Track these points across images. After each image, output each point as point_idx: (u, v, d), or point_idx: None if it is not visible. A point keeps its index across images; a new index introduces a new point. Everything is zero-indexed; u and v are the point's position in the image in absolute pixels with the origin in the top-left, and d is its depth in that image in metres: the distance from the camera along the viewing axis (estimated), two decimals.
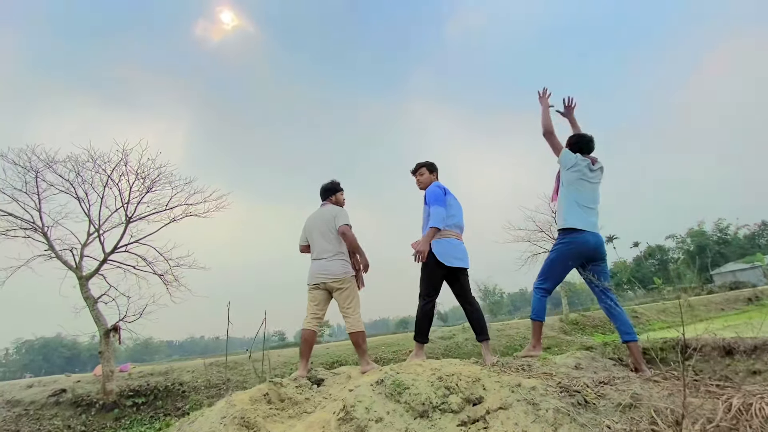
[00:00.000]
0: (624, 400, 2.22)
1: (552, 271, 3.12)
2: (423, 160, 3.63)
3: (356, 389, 2.46)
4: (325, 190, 3.80)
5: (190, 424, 2.51)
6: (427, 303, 3.25)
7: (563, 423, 2.05)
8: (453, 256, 3.24)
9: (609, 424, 2.01)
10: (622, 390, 2.35)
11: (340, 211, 3.64)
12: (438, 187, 3.40)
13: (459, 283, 3.33)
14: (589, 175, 3.06)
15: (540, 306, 3.18)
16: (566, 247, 3.03)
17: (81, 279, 10.74)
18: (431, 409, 2.31)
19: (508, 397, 2.28)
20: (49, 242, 10.62)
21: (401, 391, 2.39)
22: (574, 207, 3.00)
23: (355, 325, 3.39)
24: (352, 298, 3.47)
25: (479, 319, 3.24)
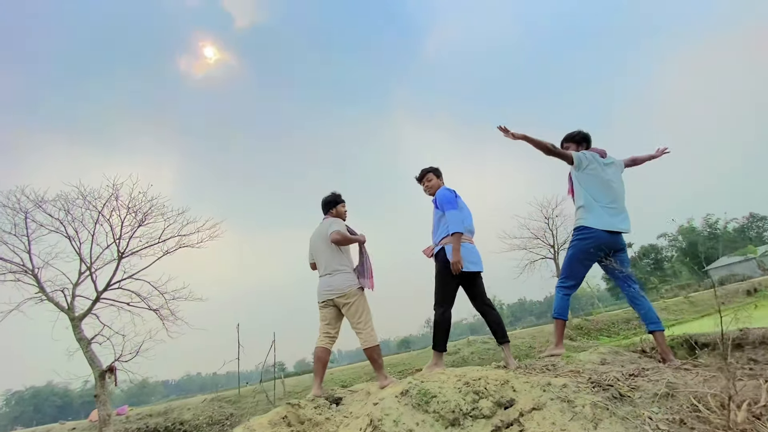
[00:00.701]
0: (659, 389, 2.15)
1: (571, 269, 3.08)
2: (427, 167, 3.61)
3: (381, 402, 2.35)
4: (325, 203, 3.71)
5: None
6: (444, 311, 3.17)
7: (603, 418, 1.97)
8: (468, 260, 3.19)
9: (650, 415, 1.94)
10: (655, 380, 2.28)
11: (333, 222, 3.53)
12: (448, 190, 3.37)
13: (475, 287, 3.26)
14: (604, 173, 3.01)
15: (563, 305, 3.12)
16: (581, 243, 3.01)
17: (74, 320, 10.38)
18: (462, 416, 2.20)
19: (541, 397, 2.19)
20: (40, 284, 10.31)
21: (428, 399, 2.29)
22: (591, 206, 2.96)
23: (368, 340, 3.26)
24: (361, 312, 3.32)
25: (499, 322, 3.16)
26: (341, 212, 3.68)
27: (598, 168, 3.03)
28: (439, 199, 3.32)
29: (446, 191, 3.35)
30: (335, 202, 3.69)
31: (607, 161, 3.12)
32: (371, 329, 3.29)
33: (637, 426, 1.86)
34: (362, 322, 3.30)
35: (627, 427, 1.88)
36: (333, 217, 3.62)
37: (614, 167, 3.12)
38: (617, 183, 3.07)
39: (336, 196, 3.71)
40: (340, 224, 3.50)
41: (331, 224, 3.49)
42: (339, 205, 3.69)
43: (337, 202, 3.70)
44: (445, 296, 3.18)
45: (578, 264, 3.05)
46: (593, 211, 2.96)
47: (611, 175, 3.05)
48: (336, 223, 3.49)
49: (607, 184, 3.00)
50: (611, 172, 3.07)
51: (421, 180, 3.61)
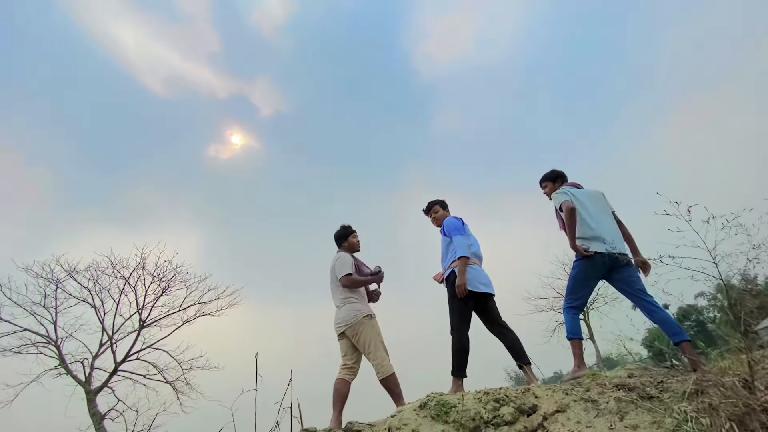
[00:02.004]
0: (688, 388, 2.07)
1: (576, 288, 3.08)
2: (433, 199, 3.83)
3: (399, 414, 2.29)
4: (336, 238, 3.77)
5: None
6: (461, 335, 3.13)
7: (629, 411, 1.90)
8: (479, 281, 3.23)
9: (679, 408, 1.86)
10: (683, 380, 2.19)
11: (338, 259, 3.55)
12: (455, 218, 3.52)
13: (488, 309, 3.25)
14: (580, 203, 3.13)
15: (575, 324, 3.06)
16: (581, 266, 3.06)
17: (89, 393, 10.22)
18: (483, 424, 2.13)
19: (563, 399, 2.13)
20: (61, 356, 10.39)
21: (448, 410, 2.22)
22: (582, 235, 3.08)
23: (381, 370, 3.15)
24: (370, 342, 3.23)
25: (516, 343, 3.08)
26: (353, 243, 3.72)
27: (577, 199, 3.15)
28: (447, 226, 3.47)
29: (454, 219, 3.52)
30: (345, 236, 3.73)
31: (582, 191, 3.27)
32: (383, 358, 3.19)
33: (664, 412, 1.80)
34: (371, 352, 3.22)
35: (654, 416, 1.82)
36: (343, 252, 3.65)
37: (591, 195, 3.24)
38: (597, 208, 3.16)
39: (345, 229, 3.76)
40: (344, 262, 3.50)
41: (337, 264, 3.52)
42: (350, 237, 3.72)
43: (347, 234, 3.74)
44: (460, 320, 3.17)
45: (581, 282, 3.06)
46: (582, 240, 3.04)
47: (588, 202, 3.17)
48: (342, 264, 3.49)
49: (587, 210, 3.12)
50: (588, 200, 3.18)
51: (428, 212, 3.80)
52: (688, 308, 50.31)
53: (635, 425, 1.78)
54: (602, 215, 3.18)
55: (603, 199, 3.32)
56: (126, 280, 11.04)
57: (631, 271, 3.02)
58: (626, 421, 1.83)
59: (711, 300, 52.27)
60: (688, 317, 51.18)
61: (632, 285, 2.96)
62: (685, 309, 50.35)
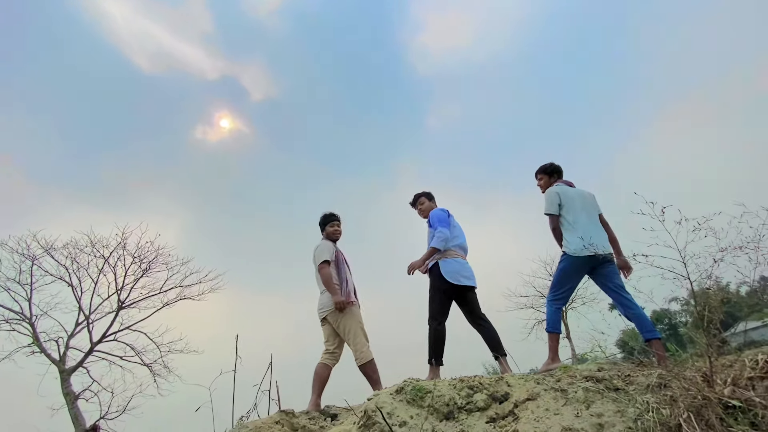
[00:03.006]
0: (652, 381, 2.16)
1: (562, 281, 3.17)
2: (419, 191, 3.86)
3: (376, 397, 2.34)
4: (319, 224, 3.81)
5: None
6: (439, 324, 3.20)
7: (595, 400, 1.99)
8: (461, 274, 3.30)
9: (642, 399, 1.95)
10: (648, 374, 2.29)
11: (318, 247, 3.60)
12: (442, 210, 3.57)
13: (468, 302, 3.32)
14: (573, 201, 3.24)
15: (556, 318, 3.15)
16: (566, 262, 3.15)
17: (63, 372, 10.03)
18: (456, 409, 2.19)
19: (535, 388, 2.20)
20: (35, 333, 10.16)
21: (423, 395, 2.28)
22: (569, 234, 3.18)
23: (360, 356, 3.22)
24: (349, 328, 3.30)
25: (494, 335, 3.17)
26: (330, 232, 3.72)
27: (568, 200, 3.25)
28: (432, 218, 3.52)
29: (440, 211, 3.56)
30: (324, 224, 3.76)
31: (574, 191, 3.36)
32: (362, 344, 3.25)
33: (628, 402, 1.88)
34: (350, 338, 3.28)
35: (618, 406, 1.90)
36: (324, 240, 3.70)
37: (583, 195, 3.33)
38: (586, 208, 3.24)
39: (326, 217, 3.78)
40: (323, 249, 3.54)
41: (316, 251, 3.57)
42: (328, 225, 3.74)
43: (326, 222, 3.75)
44: (438, 310, 3.24)
45: (566, 277, 3.15)
46: (570, 238, 3.13)
47: (578, 202, 3.25)
48: (322, 252, 3.53)
49: (576, 210, 3.21)
50: (579, 200, 3.27)
51: (415, 204, 3.83)
52: (662, 312, 52.10)
53: (600, 413, 1.86)
54: (587, 217, 3.27)
55: (593, 201, 3.41)
56: (105, 259, 10.82)
57: (612, 268, 3.12)
58: (592, 410, 1.91)
59: (684, 305, 54.27)
60: (661, 321, 53.06)
61: (611, 280, 3.07)
62: (659, 312, 52.09)
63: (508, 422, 2.07)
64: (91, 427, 9.84)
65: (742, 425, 1.60)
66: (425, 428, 2.08)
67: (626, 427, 1.73)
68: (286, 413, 2.64)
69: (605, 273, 3.10)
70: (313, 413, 2.84)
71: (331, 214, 3.78)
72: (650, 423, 1.70)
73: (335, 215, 3.78)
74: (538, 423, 1.93)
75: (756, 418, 1.62)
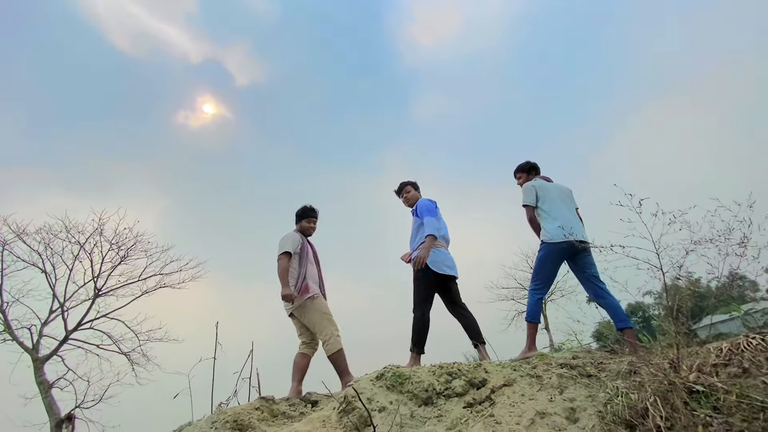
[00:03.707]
0: (623, 368, 2.24)
1: (542, 271, 3.24)
2: (405, 180, 3.87)
3: (356, 383, 2.36)
4: (296, 214, 3.72)
5: None
6: (423, 313, 3.23)
7: (568, 386, 2.05)
8: (444, 264, 3.33)
9: (613, 384, 2.02)
10: (620, 362, 2.37)
11: (284, 238, 3.51)
12: (429, 200, 3.58)
13: (450, 291, 3.36)
14: (550, 193, 3.34)
15: (537, 308, 3.22)
16: (545, 250, 3.23)
17: (36, 361, 9.76)
18: (435, 395, 2.23)
19: (511, 375, 2.25)
20: (6, 321, 9.83)
21: (403, 381, 2.31)
22: (548, 223, 3.25)
23: (327, 347, 3.20)
24: (315, 321, 3.28)
25: (474, 324, 3.22)
26: (305, 227, 3.64)
27: (545, 192, 3.34)
28: (419, 207, 3.52)
29: (427, 201, 3.57)
30: (300, 217, 3.68)
31: (552, 184, 3.46)
32: (330, 335, 3.22)
33: (600, 388, 1.94)
34: (317, 328, 3.27)
35: (590, 391, 1.96)
36: (293, 232, 3.60)
37: (560, 189, 3.44)
38: (563, 201, 3.35)
39: (303, 210, 3.69)
40: (287, 240, 3.46)
41: (281, 242, 3.48)
42: (304, 220, 3.65)
43: (303, 216, 3.67)
44: (422, 299, 3.26)
45: (545, 266, 3.22)
46: (548, 227, 3.22)
47: (555, 195, 3.35)
48: (284, 243, 3.45)
49: (553, 202, 3.30)
50: (556, 193, 3.37)
51: (400, 193, 3.83)
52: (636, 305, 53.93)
53: (572, 398, 1.92)
54: (566, 208, 3.35)
55: (570, 195, 3.49)
56: (81, 245, 10.49)
57: (589, 258, 3.21)
58: (565, 395, 1.97)
59: (657, 298, 56.32)
60: (636, 313, 54.97)
61: (587, 270, 3.15)
62: (633, 305, 53.92)
63: (485, 407, 2.12)
64: (67, 415, 9.64)
65: (705, 408, 1.67)
66: (404, 413, 2.11)
67: (596, 411, 1.80)
68: (266, 400, 2.63)
69: (582, 263, 3.18)
70: (294, 400, 2.84)
71: (311, 209, 3.68)
72: (619, 407, 1.77)
73: (314, 211, 3.68)
74: (513, 408, 1.98)
75: (718, 402, 1.70)
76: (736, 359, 1.86)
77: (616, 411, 1.77)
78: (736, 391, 1.69)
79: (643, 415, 1.70)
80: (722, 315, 15.44)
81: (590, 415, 1.81)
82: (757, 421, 1.60)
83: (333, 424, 2.11)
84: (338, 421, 2.12)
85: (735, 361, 1.85)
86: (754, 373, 1.83)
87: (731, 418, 1.63)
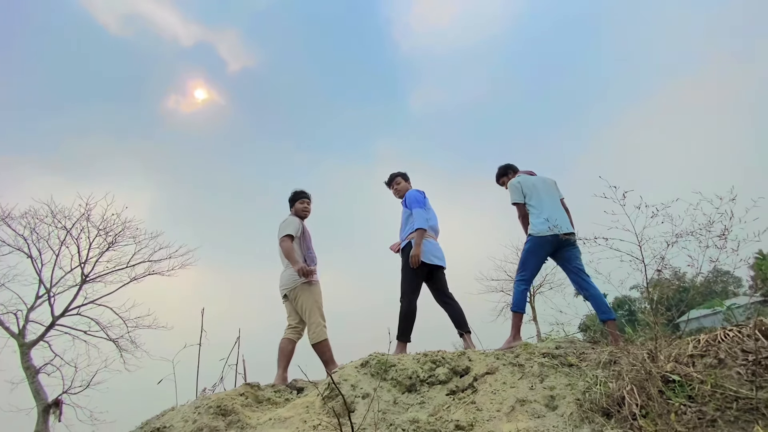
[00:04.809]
0: (603, 357, 2.28)
1: (528, 263, 3.28)
2: (395, 171, 3.85)
3: (341, 370, 2.37)
4: (289, 200, 3.76)
5: (158, 418, 2.25)
6: (410, 302, 3.25)
7: (549, 374, 2.08)
8: (433, 254, 3.34)
9: (593, 373, 2.05)
10: (601, 352, 2.41)
11: (284, 221, 3.55)
12: (418, 191, 3.59)
13: (437, 281, 3.38)
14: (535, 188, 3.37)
15: (521, 298, 3.26)
16: (530, 243, 3.27)
17: (23, 346, 9.66)
18: (419, 382, 2.25)
19: (494, 363, 2.28)
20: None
21: (387, 368, 2.33)
22: (534, 217, 3.28)
23: (313, 336, 3.23)
24: (307, 306, 3.29)
25: (459, 313, 3.25)
26: (298, 209, 3.66)
27: (530, 187, 3.37)
28: (408, 198, 3.52)
29: (416, 192, 3.57)
30: (293, 200, 3.71)
31: (535, 178, 3.48)
32: (317, 324, 3.25)
33: (579, 377, 1.97)
34: (308, 317, 3.28)
35: (570, 380, 1.99)
36: (291, 216, 3.63)
37: (544, 181, 3.47)
38: (547, 193, 3.37)
39: (296, 194, 3.72)
40: (289, 224, 3.50)
41: (282, 225, 3.51)
42: (297, 203, 3.68)
43: (296, 199, 3.69)
44: (410, 288, 3.28)
45: (532, 258, 3.26)
46: (535, 221, 3.25)
47: (540, 187, 3.38)
48: (287, 226, 3.48)
49: (539, 195, 3.33)
50: (540, 186, 3.40)
51: (390, 184, 3.82)
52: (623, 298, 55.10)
53: (552, 386, 1.95)
54: (551, 200, 3.37)
55: (554, 187, 3.51)
56: (68, 231, 10.31)
57: (574, 251, 3.24)
58: (545, 383, 2.00)
59: (644, 293, 57.29)
60: (622, 307, 56.21)
61: (572, 262, 3.19)
62: (620, 299, 55.08)
63: (467, 394, 2.14)
64: (54, 401, 9.61)
65: (679, 397, 1.71)
66: (387, 400, 2.13)
67: (575, 399, 1.83)
68: (251, 386, 2.64)
69: (567, 255, 3.22)
70: (280, 386, 2.85)
71: (302, 191, 3.72)
72: (597, 395, 1.80)
73: (305, 193, 3.72)
74: (494, 395, 2.01)
75: (693, 392, 1.74)
76: (712, 350, 1.90)
77: (594, 399, 1.80)
78: (710, 381, 1.73)
79: (620, 403, 1.73)
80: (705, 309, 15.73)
81: (569, 403, 1.84)
82: (729, 410, 1.64)
83: (316, 410, 2.12)
84: (322, 407, 2.13)
85: (711, 352, 1.89)
86: (730, 364, 1.88)
87: (705, 407, 1.67)
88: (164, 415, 2.25)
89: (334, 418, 1.95)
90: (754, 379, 1.67)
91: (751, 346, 1.81)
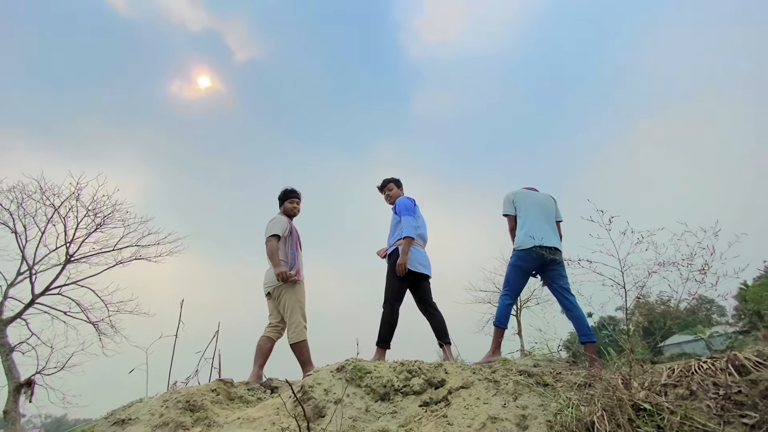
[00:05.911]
0: (579, 380, 2.28)
1: (514, 279, 3.28)
2: (388, 177, 3.84)
3: (316, 373, 2.35)
4: (278, 198, 3.75)
5: (124, 409, 2.21)
6: (393, 308, 3.24)
7: (522, 393, 2.07)
8: (419, 262, 3.34)
9: (566, 395, 2.05)
10: (577, 374, 2.41)
11: (272, 220, 3.54)
12: (408, 199, 3.58)
13: (422, 289, 3.38)
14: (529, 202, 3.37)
15: (505, 313, 3.26)
16: (514, 257, 3.27)
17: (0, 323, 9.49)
18: (393, 391, 2.24)
19: (470, 377, 2.27)
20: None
21: (362, 375, 2.31)
22: (520, 231, 3.29)
23: (292, 336, 3.21)
24: (289, 305, 3.28)
25: (441, 323, 3.24)
26: (287, 209, 3.67)
27: (522, 201, 3.38)
28: (399, 205, 3.52)
29: (406, 199, 3.56)
30: (283, 198, 3.71)
31: (533, 193, 3.49)
32: (297, 324, 3.23)
33: (553, 398, 1.97)
34: (289, 316, 3.26)
35: (543, 400, 1.99)
36: (280, 215, 3.62)
37: (540, 198, 3.47)
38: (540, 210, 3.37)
39: (285, 192, 3.71)
40: (276, 223, 3.49)
41: (269, 224, 3.50)
42: (287, 201, 3.68)
43: (286, 198, 3.70)
44: (394, 294, 3.27)
45: (517, 274, 3.26)
46: (522, 236, 3.25)
47: (532, 204, 3.38)
48: (273, 226, 3.47)
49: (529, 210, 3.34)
50: (533, 202, 3.40)
51: (382, 189, 3.81)
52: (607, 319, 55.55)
53: (525, 405, 1.94)
54: (541, 216, 3.37)
55: (551, 205, 3.50)
56: (56, 209, 10.16)
57: (559, 270, 3.24)
58: (518, 402, 1.99)
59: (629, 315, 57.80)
60: (606, 327, 56.51)
61: (556, 281, 3.20)
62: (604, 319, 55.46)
63: (440, 407, 2.13)
64: (26, 380, 9.43)
65: (648, 427, 1.71)
66: (359, 407, 2.11)
67: (546, 420, 1.82)
68: (224, 382, 2.60)
69: (552, 274, 3.23)
70: (253, 384, 2.82)
71: (292, 190, 3.72)
72: (568, 418, 1.79)
73: (296, 192, 3.72)
74: (467, 410, 2.00)
75: (662, 422, 1.75)
76: (685, 381, 1.91)
77: (565, 422, 1.79)
78: (680, 412, 1.74)
79: (589, 428, 1.73)
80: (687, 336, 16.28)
81: (540, 424, 1.83)
82: None
83: (286, 412, 2.10)
84: (292, 410, 2.10)
85: (684, 383, 1.90)
86: (701, 396, 1.88)
87: None
88: (131, 407, 2.21)
89: (303, 422, 1.93)
90: (723, 414, 1.67)
91: (722, 380, 1.82)
